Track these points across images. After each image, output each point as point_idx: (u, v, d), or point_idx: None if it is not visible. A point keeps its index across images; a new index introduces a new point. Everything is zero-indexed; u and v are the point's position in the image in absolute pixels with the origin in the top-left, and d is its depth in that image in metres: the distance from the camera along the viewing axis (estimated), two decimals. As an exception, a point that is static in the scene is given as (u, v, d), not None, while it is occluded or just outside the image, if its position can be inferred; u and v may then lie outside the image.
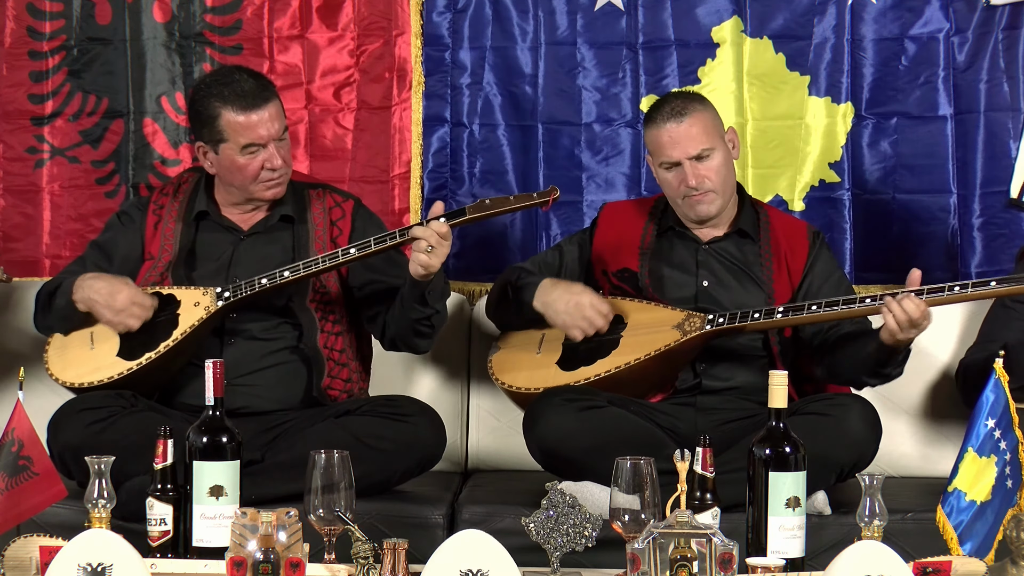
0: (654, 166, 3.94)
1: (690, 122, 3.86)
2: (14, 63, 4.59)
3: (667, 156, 3.87)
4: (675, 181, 3.88)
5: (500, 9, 4.55)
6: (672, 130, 3.86)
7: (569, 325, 3.85)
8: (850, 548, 2.76)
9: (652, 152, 3.92)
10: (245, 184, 3.86)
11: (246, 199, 3.91)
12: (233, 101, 3.79)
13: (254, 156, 3.82)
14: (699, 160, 3.86)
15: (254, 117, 3.80)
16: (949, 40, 4.45)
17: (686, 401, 3.88)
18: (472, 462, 4.27)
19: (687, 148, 3.85)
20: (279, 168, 3.84)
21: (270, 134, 3.81)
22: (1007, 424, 3.10)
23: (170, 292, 3.81)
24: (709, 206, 3.91)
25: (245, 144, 3.80)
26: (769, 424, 3.12)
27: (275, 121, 3.82)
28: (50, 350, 3.87)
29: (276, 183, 3.87)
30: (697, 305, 3.90)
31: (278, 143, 3.83)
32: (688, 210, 3.93)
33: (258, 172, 3.83)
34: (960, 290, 3.62)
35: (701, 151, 3.86)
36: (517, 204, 3.80)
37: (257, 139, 3.80)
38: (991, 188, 4.45)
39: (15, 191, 4.61)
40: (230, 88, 3.81)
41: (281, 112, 3.86)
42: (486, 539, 2.75)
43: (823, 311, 3.72)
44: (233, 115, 3.80)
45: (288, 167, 3.89)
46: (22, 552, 2.97)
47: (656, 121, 3.88)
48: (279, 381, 3.85)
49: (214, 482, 3.11)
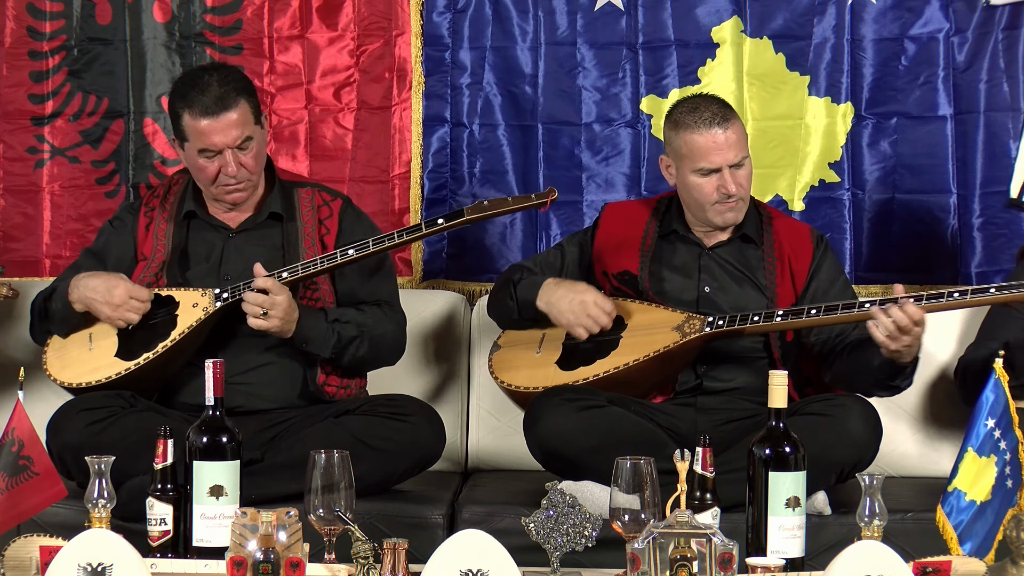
0: (682, 170, 3.88)
1: (733, 129, 3.84)
2: (14, 63, 4.59)
3: (708, 162, 3.83)
4: (709, 187, 3.85)
5: (500, 9, 4.55)
6: (716, 136, 3.82)
7: (573, 324, 3.84)
8: (850, 548, 2.76)
9: (685, 156, 3.86)
10: (206, 185, 3.88)
11: (213, 199, 3.92)
12: (192, 105, 3.79)
13: (211, 161, 3.81)
14: (736, 168, 3.85)
15: (210, 123, 3.77)
16: (949, 40, 4.45)
17: (686, 401, 3.88)
18: (472, 462, 4.27)
19: (728, 155, 3.83)
20: (235, 175, 3.83)
21: (224, 142, 3.78)
22: (1007, 424, 3.10)
23: (168, 294, 3.81)
24: (738, 213, 3.90)
25: (200, 148, 3.80)
26: (769, 424, 3.12)
27: (234, 129, 3.78)
28: (49, 351, 3.87)
29: (234, 189, 3.86)
30: (698, 310, 3.89)
31: (239, 151, 3.80)
32: (715, 216, 3.90)
33: (215, 176, 3.83)
34: (959, 296, 3.61)
35: (740, 159, 3.85)
36: (515, 205, 3.80)
37: (211, 145, 3.79)
38: (991, 188, 4.45)
39: (15, 191, 4.61)
40: (194, 91, 3.79)
41: (247, 120, 3.81)
42: (486, 539, 2.75)
43: (822, 315, 3.71)
44: (191, 119, 3.80)
45: (252, 174, 3.86)
46: (22, 552, 2.97)
47: (694, 126, 3.83)
48: (274, 378, 3.85)
49: (214, 482, 3.11)
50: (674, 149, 3.90)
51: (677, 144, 3.88)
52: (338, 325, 3.81)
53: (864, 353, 3.75)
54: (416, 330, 4.24)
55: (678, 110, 3.91)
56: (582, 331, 3.83)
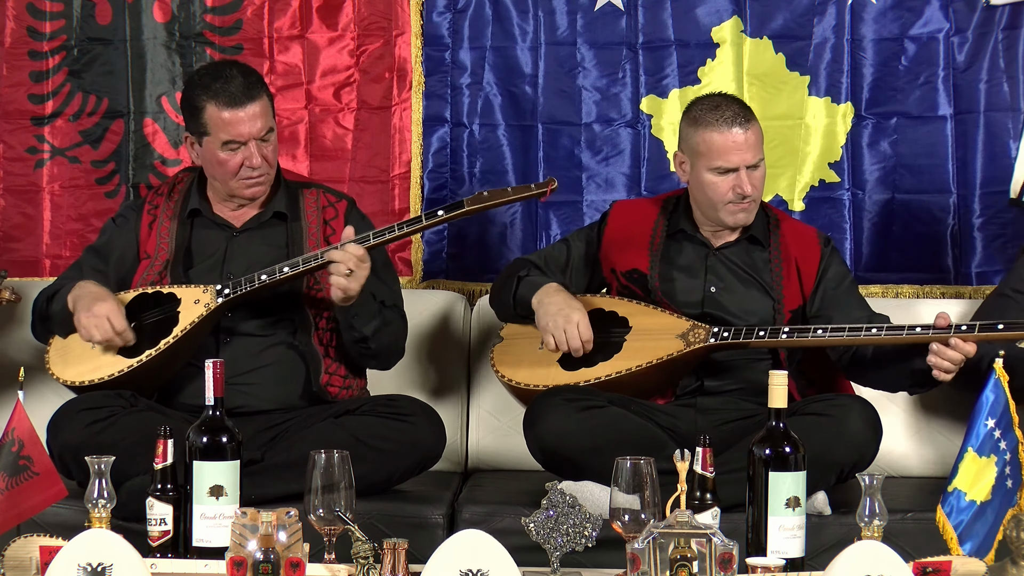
0: (697, 167, 3.87)
1: (752, 131, 3.84)
2: (14, 63, 4.59)
3: (726, 161, 3.83)
4: (724, 186, 3.85)
5: (500, 9, 4.55)
6: (737, 136, 3.82)
7: (547, 330, 3.83)
8: (850, 548, 2.76)
9: (702, 153, 3.85)
10: (225, 180, 3.87)
11: (229, 195, 3.92)
12: (218, 96, 3.80)
13: (234, 153, 3.82)
14: (752, 169, 3.85)
15: (238, 114, 3.79)
16: (949, 40, 4.45)
17: (686, 402, 3.87)
18: (472, 462, 4.27)
19: (746, 156, 3.83)
20: (258, 167, 3.84)
21: (251, 132, 3.80)
22: (1007, 424, 3.10)
23: (170, 291, 3.82)
24: (749, 215, 3.90)
25: (225, 140, 3.81)
26: (769, 424, 3.12)
27: (258, 120, 3.81)
28: (51, 351, 3.87)
29: (255, 182, 3.87)
30: (703, 310, 3.89)
31: (261, 143, 3.82)
32: (728, 216, 3.90)
33: (237, 169, 3.84)
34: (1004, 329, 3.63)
35: (757, 160, 3.85)
36: (515, 195, 3.81)
37: (237, 136, 3.80)
38: (991, 188, 4.45)
39: (15, 191, 4.61)
40: (218, 83, 3.81)
41: (268, 112, 3.85)
42: (486, 539, 2.75)
43: (829, 336, 3.71)
44: (216, 110, 3.80)
45: (271, 167, 3.88)
46: (22, 552, 2.97)
47: (715, 124, 3.82)
48: (276, 379, 3.85)
49: (214, 482, 3.11)
50: (690, 146, 3.89)
51: (695, 141, 3.87)
52: (383, 307, 3.84)
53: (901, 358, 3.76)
54: (416, 330, 4.24)
55: (697, 107, 3.90)
56: (551, 341, 3.81)
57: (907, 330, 3.66)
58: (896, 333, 3.68)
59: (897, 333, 3.68)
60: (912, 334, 3.65)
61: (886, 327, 3.69)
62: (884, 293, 4.45)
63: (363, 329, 3.80)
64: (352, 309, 3.76)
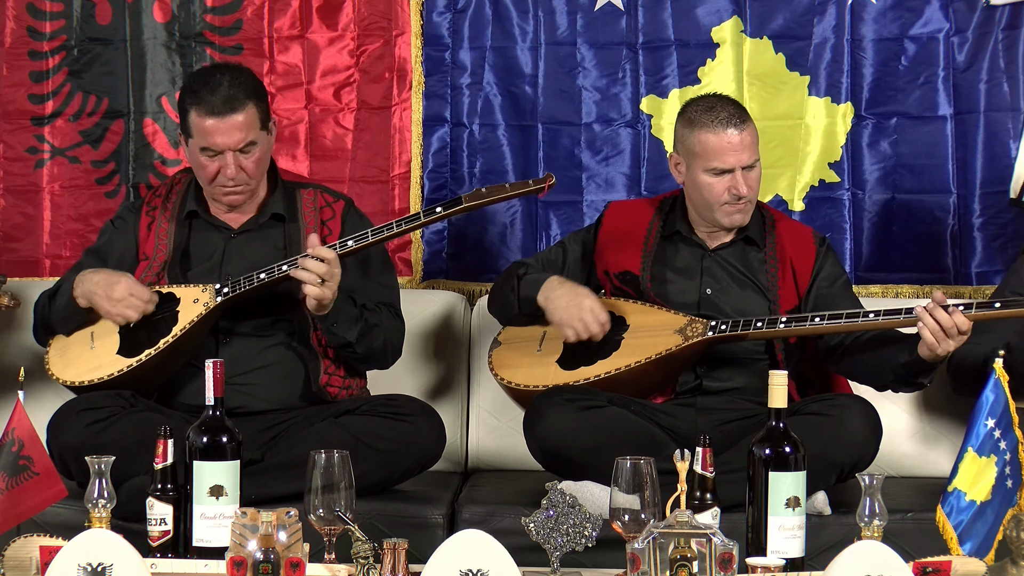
0: (693, 168, 3.87)
1: (748, 131, 3.84)
2: (14, 63, 4.59)
3: (722, 162, 3.83)
4: (720, 187, 3.84)
5: (500, 9, 4.55)
6: (732, 137, 3.82)
7: (564, 323, 3.84)
8: (850, 548, 2.76)
9: (698, 154, 3.85)
10: (204, 183, 3.88)
11: (212, 198, 3.92)
12: (201, 103, 3.78)
13: (211, 159, 3.82)
14: (748, 170, 3.85)
15: (215, 123, 3.77)
16: (949, 40, 4.45)
17: (686, 401, 3.87)
18: (472, 462, 4.27)
19: (742, 157, 3.83)
20: (233, 178, 3.83)
21: (226, 144, 3.78)
22: (1007, 424, 3.10)
23: (169, 291, 3.82)
24: (745, 215, 3.90)
25: (203, 146, 3.80)
26: (769, 424, 3.12)
27: (236, 132, 3.78)
28: (51, 351, 3.87)
29: (231, 191, 3.86)
30: (699, 312, 3.89)
31: (240, 154, 3.80)
32: (723, 217, 3.90)
33: (214, 175, 3.83)
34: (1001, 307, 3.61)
35: (753, 161, 3.85)
36: (513, 192, 3.80)
37: (212, 145, 3.79)
38: (991, 188, 4.45)
39: (15, 191, 4.61)
40: (204, 89, 3.79)
41: (253, 124, 3.80)
42: (486, 539, 2.76)
43: (826, 323, 3.71)
44: (197, 116, 3.80)
45: (251, 178, 3.85)
46: (22, 552, 2.97)
47: (710, 125, 3.82)
48: (276, 379, 3.85)
49: (214, 482, 3.11)
50: (686, 147, 3.89)
51: (690, 142, 3.87)
52: (364, 311, 3.82)
53: (888, 349, 3.75)
54: (416, 330, 4.24)
55: (693, 108, 3.90)
56: (571, 333, 3.83)
57: (904, 313, 3.64)
58: (894, 316, 3.66)
59: (895, 316, 3.66)
60: (909, 316, 3.63)
61: (883, 310, 3.68)
62: (884, 293, 4.45)
63: (346, 335, 3.79)
64: (331, 316, 3.75)
